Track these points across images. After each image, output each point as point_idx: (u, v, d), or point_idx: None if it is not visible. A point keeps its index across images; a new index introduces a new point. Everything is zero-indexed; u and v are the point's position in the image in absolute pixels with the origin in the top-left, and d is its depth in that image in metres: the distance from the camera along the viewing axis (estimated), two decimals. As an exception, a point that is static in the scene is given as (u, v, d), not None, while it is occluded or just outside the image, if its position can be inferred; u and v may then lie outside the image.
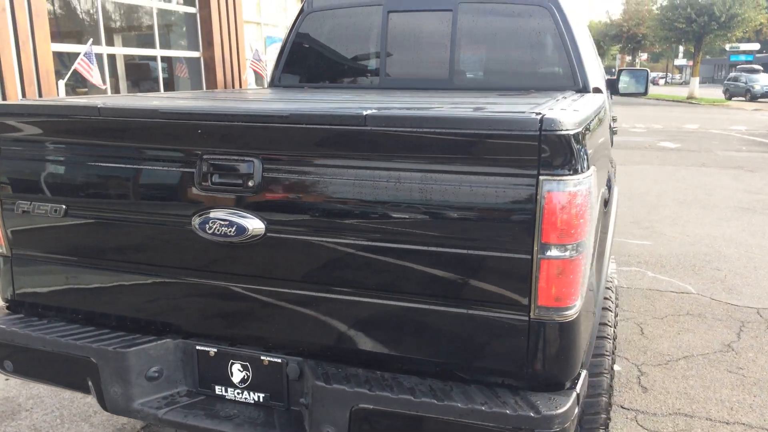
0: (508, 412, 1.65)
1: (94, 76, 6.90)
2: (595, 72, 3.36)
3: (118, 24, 9.68)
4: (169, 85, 10.19)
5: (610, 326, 2.48)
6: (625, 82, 5.14)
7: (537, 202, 1.61)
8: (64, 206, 2.05)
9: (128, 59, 9.94)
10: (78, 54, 6.77)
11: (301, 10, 3.81)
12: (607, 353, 2.42)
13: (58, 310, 2.20)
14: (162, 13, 9.82)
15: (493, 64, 3.58)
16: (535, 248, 1.63)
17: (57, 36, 7.73)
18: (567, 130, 1.59)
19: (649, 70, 5.14)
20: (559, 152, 1.59)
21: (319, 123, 1.75)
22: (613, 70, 56.56)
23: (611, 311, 2.53)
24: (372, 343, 1.85)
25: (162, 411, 1.97)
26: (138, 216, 2.00)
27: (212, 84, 10.29)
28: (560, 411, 1.65)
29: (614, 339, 2.56)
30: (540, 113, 1.60)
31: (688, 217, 7.79)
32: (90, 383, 2.02)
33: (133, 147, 1.97)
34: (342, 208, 1.78)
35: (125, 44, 10.01)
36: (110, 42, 8.95)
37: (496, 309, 1.71)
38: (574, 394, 1.73)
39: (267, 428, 1.90)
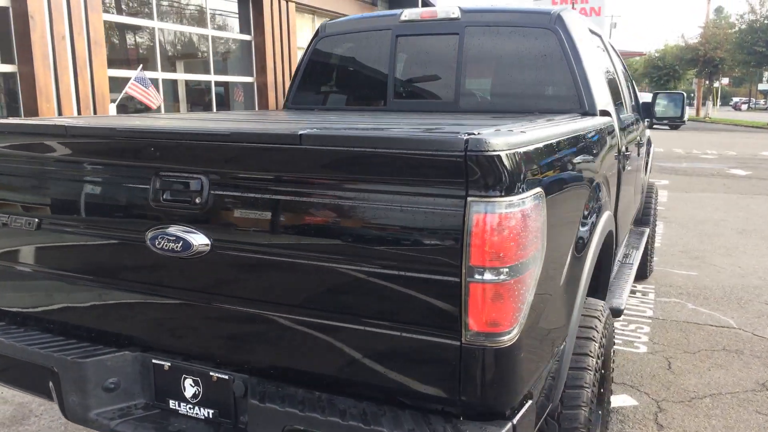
0: (432, 439, 1.60)
1: (152, 98, 7.21)
2: (602, 95, 3.26)
3: (176, 51, 10.10)
4: (225, 107, 10.53)
5: (593, 357, 2.37)
6: (661, 106, 4.98)
7: (465, 223, 1.57)
8: (36, 220, 2.14)
9: (193, 84, 10.33)
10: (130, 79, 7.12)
11: (316, 34, 3.87)
12: (587, 385, 2.31)
13: (34, 319, 2.29)
14: (217, 40, 10.21)
15: (499, 87, 3.52)
16: (464, 271, 1.58)
17: (117, 63, 8.15)
18: (495, 151, 1.54)
19: (684, 93, 4.95)
20: (487, 173, 1.55)
21: (257, 141, 1.76)
22: (692, 95, 54.67)
23: (595, 341, 2.41)
24: (310, 362, 1.83)
25: (115, 422, 2.01)
26: (101, 231, 2.07)
27: (264, 107, 10.57)
28: (487, 442, 1.59)
29: (600, 371, 2.44)
30: (470, 134, 1.56)
31: (744, 248, 7.39)
32: (53, 391, 2.08)
33: (96, 164, 2.05)
34: (281, 227, 1.79)
35: (188, 70, 10.42)
36: (168, 68, 9.34)
37: (428, 333, 1.66)
38: (509, 425, 1.65)
39: None
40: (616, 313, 3.48)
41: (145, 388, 2.10)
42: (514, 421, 1.67)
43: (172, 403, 2.06)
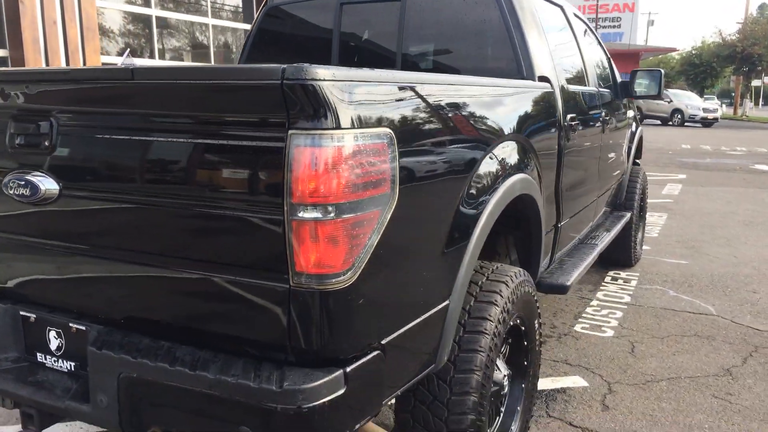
0: (251, 384, 1.53)
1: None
2: (544, 62, 3.14)
3: (174, 39, 10.16)
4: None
5: (492, 321, 2.27)
6: (640, 85, 4.82)
7: (286, 157, 1.49)
8: None
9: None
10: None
11: (264, 4, 3.82)
12: (482, 349, 2.21)
13: None
14: (219, 29, 10.26)
15: (441, 55, 3.43)
16: (286, 209, 1.51)
17: (113, 50, 8.23)
18: (317, 80, 1.46)
19: (662, 71, 4.78)
20: (308, 104, 1.47)
21: (94, 78, 1.72)
22: (733, 94, 53.26)
23: (497, 306, 2.30)
24: (150, 311, 1.79)
25: (-23, 373, 1.99)
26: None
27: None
28: (306, 387, 1.51)
29: (499, 336, 2.33)
30: (293, 65, 1.48)
31: (746, 239, 7.12)
32: None
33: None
34: (119, 168, 1.74)
35: (189, 59, 10.51)
36: (164, 57, 9.39)
37: (257, 276, 1.59)
38: (339, 372, 1.57)
39: (62, 395, 1.86)
40: (560, 289, 3.37)
41: (17, 341, 2.07)
42: (347, 369, 1.59)
43: (40, 356, 2.03)
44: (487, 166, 2.26)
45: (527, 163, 2.68)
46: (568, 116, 3.25)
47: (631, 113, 5.32)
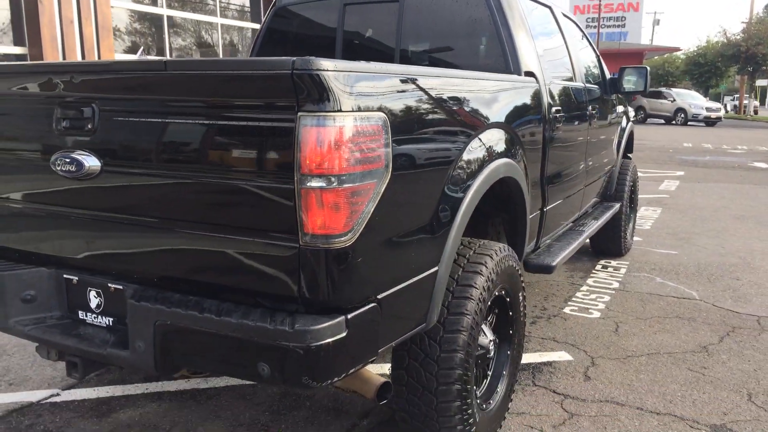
0: (267, 326, 1.82)
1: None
2: (529, 58, 3.42)
3: (184, 38, 10.47)
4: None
5: (477, 289, 2.55)
6: (628, 81, 5.09)
7: (295, 135, 1.78)
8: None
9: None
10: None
11: (273, 5, 4.11)
12: (468, 312, 2.50)
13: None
14: (226, 28, 10.56)
15: (435, 51, 3.71)
16: (296, 179, 1.80)
17: (126, 48, 8.53)
18: (321, 70, 1.75)
19: (648, 68, 5.05)
20: (313, 90, 1.75)
21: (131, 70, 2.02)
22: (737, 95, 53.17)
23: (482, 275, 2.59)
24: (182, 270, 2.08)
25: (28, 327, 2.28)
26: (18, 159, 2.34)
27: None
28: (313, 328, 1.79)
29: (484, 303, 2.61)
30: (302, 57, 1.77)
31: (734, 231, 7.39)
32: (-24, 302, 2.36)
33: (8, 99, 2.33)
34: (156, 148, 2.03)
35: (198, 57, 10.81)
36: (173, 55, 9.69)
37: (273, 237, 1.88)
38: (342, 318, 1.86)
39: (103, 345, 2.16)
40: (546, 269, 3.65)
41: (60, 302, 2.36)
42: (349, 316, 1.88)
43: (81, 314, 2.32)
44: (473, 150, 2.54)
45: (512, 149, 2.96)
46: (553, 109, 3.53)
47: (620, 109, 5.60)
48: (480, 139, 2.62)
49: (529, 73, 3.39)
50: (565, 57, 4.16)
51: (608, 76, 5.21)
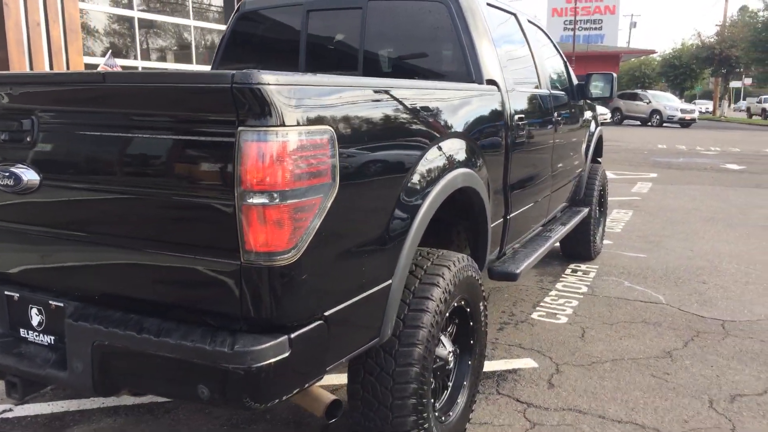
0: (206, 347, 1.77)
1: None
2: (492, 66, 3.40)
3: (157, 40, 10.34)
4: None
5: (434, 301, 2.52)
6: (596, 87, 5.10)
7: (236, 151, 1.73)
8: None
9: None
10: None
11: (237, 9, 4.06)
12: (424, 325, 2.47)
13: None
14: (200, 31, 10.45)
15: (399, 59, 3.69)
16: (237, 195, 1.75)
17: (97, 50, 8.40)
18: (261, 84, 1.71)
19: (614, 75, 5.07)
20: (254, 104, 1.71)
21: (71, 81, 1.96)
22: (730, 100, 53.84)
23: (439, 287, 2.56)
24: (121, 287, 2.03)
25: (-34, 346, 2.21)
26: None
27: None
28: (254, 349, 1.75)
29: (441, 315, 2.58)
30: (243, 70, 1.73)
31: (703, 234, 7.46)
32: None
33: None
34: (94, 162, 1.98)
35: (172, 60, 10.69)
36: (147, 57, 9.56)
37: (214, 255, 1.84)
38: (284, 337, 1.82)
39: (43, 365, 2.09)
40: (510, 276, 3.64)
41: (2, 319, 2.29)
42: (292, 335, 1.84)
43: (23, 332, 2.25)
44: (429, 161, 2.51)
45: (471, 159, 2.94)
46: (516, 117, 3.52)
47: (589, 114, 5.62)
48: (436, 149, 2.59)
49: (491, 81, 3.37)
50: (529, 64, 4.16)
51: (575, 82, 5.22)
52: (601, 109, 30.45)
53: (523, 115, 3.62)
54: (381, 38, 3.66)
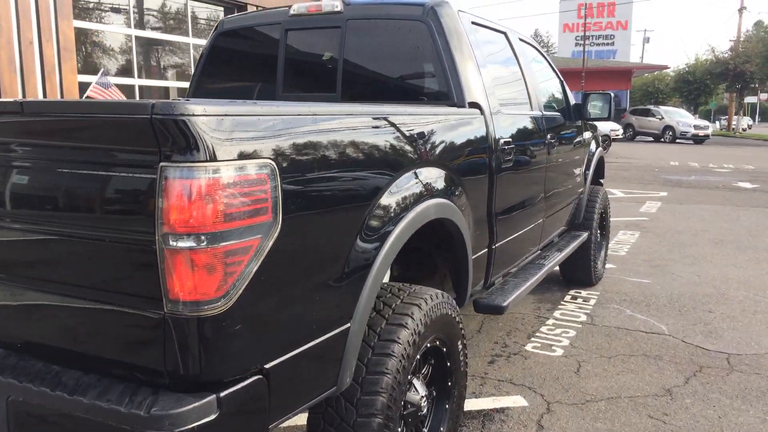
0: (121, 409, 1.58)
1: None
2: (474, 88, 3.21)
3: (155, 59, 10.26)
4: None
5: (401, 344, 2.32)
6: (594, 107, 4.91)
7: (158, 188, 1.56)
8: None
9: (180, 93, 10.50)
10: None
11: (215, 29, 3.91)
12: (388, 371, 2.27)
13: None
14: (199, 48, 10.38)
15: (378, 80, 3.52)
16: (158, 237, 1.57)
17: (91, 69, 8.32)
18: (187, 115, 1.53)
19: (611, 94, 4.87)
20: (180, 138, 1.54)
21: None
22: (737, 115, 53.36)
23: (407, 329, 2.36)
24: (42, 336, 1.85)
25: None
26: None
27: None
28: (174, 412, 1.56)
29: (409, 359, 2.38)
30: (164, 100, 1.56)
31: (712, 257, 7.19)
32: None
33: None
34: (10, 196, 1.81)
35: (173, 78, 10.61)
36: (144, 76, 9.45)
37: (135, 303, 1.65)
38: (212, 397, 1.63)
39: None
40: (496, 310, 3.43)
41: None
42: (222, 393, 1.64)
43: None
44: (395, 192, 2.32)
45: (448, 187, 2.75)
46: (502, 141, 3.33)
47: (588, 134, 5.41)
48: (406, 178, 2.40)
49: (474, 104, 3.19)
50: (519, 85, 3.97)
51: (572, 101, 5.02)
52: (612, 125, 30.26)
53: (510, 139, 3.43)
54: (360, 58, 3.49)
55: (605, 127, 27.31)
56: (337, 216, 2.02)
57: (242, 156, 1.65)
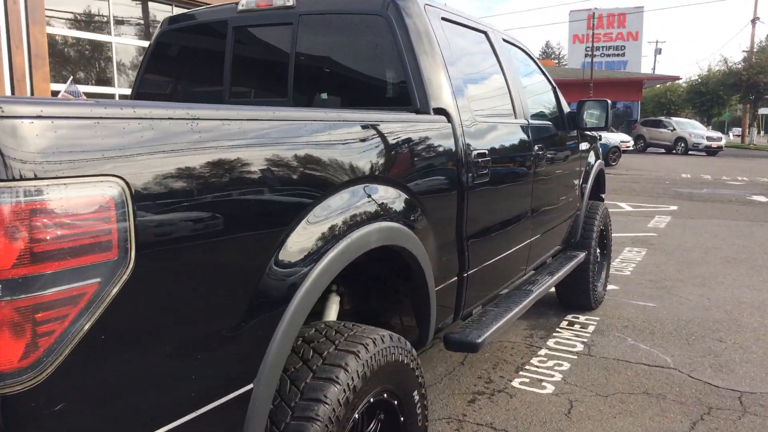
0: None
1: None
2: (442, 93, 2.78)
3: (131, 65, 9.89)
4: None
5: (329, 405, 1.87)
6: (591, 116, 4.46)
7: (-61, 217, 1.13)
8: None
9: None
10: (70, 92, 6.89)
11: (160, 26, 3.51)
12: (312, 440, 1.81)
13: None
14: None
15: (333, 82, 3.09)
16: (-59, 285, 1.14)
17: (66, 77, 7.96)
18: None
19: (608, 101, 4.42)
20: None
21: None
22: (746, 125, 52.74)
23: (338, 384, 1.91)
24: None
25: None
26: None
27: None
28: None
29: (339, 423, 1.93)
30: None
31: (724, 278, 6.68)
32: None
33: None
34: None
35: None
36: (115, 83, 9.06)
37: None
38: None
39: None
40: (469, 347, 2.97)
41: None
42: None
43: None
44: (319, 219, 1.88)
45: (401, 208, 2.31)
46: (475, 153, 2.88)
47: (585, 146, 4.95)
48: (335, 200, 1.96)
49: (441, 111, 2.75)
50: (501, 91, 3.53)
51: (567, 110, 4.57)
52: (623, 136, 29.69)
53: (485, 151, 2.98)
54: (314, 58, 3.07)
55: (615, 138, 26.79)
56: (226, 250, 1.58)
57: (73, 173, 1.22)
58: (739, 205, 12.98)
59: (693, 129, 33.97)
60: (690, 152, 32.97)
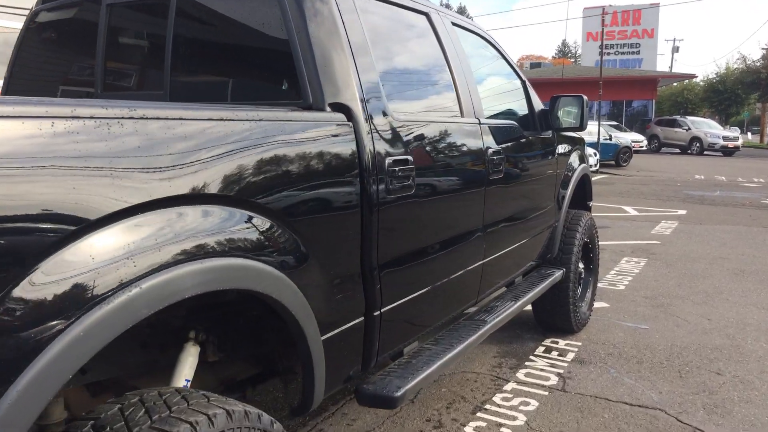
0: None
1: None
2: (344, 86, 2.19)
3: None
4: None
5: None
6: (569, 114, 3.85)
7: None
8: None
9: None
10: None
11: (32, 9, 2.96)
12: None
13: None
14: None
15: (216, 72, 2.51)
16: None
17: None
18: None
19: (584, 97, 3.80)
20: None
21: None
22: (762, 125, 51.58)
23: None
24: None
25: None
26: None
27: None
28: None
29: None
30: None
31: (728, 294, 6.02)
32: None
33: None
34: None
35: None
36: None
37: None
38: None
39: None
40: (385, 402, 2.39)
41: None
42: None
43: None
44: (77, 253, 1.30)
45: (254, 238, 1.72)
46: (390, 160, 2.29)
47: (564, 148, 4.32)
48: (109, 234, 1.37)
49: (340, 107, 2.16)
50: (442, 85, 2.93)
51: (539, 108, 3.95)
52: (635, 136, 28.85)
53: (408, 157, 2.39)
54: (194, 44, 2.49)
55: (626, 138, 25.98)
56: None
57: None
58: (753, 209, 12.24)
59: (709, 128, 33.01)
60: (705, 152, 32.03)
